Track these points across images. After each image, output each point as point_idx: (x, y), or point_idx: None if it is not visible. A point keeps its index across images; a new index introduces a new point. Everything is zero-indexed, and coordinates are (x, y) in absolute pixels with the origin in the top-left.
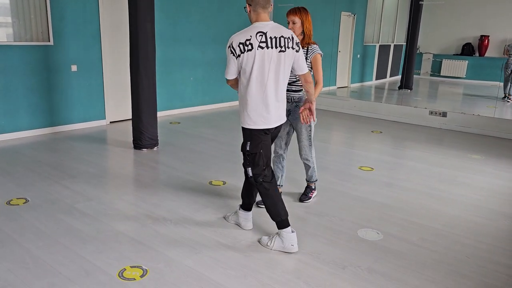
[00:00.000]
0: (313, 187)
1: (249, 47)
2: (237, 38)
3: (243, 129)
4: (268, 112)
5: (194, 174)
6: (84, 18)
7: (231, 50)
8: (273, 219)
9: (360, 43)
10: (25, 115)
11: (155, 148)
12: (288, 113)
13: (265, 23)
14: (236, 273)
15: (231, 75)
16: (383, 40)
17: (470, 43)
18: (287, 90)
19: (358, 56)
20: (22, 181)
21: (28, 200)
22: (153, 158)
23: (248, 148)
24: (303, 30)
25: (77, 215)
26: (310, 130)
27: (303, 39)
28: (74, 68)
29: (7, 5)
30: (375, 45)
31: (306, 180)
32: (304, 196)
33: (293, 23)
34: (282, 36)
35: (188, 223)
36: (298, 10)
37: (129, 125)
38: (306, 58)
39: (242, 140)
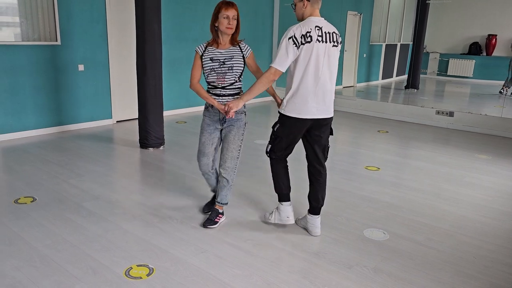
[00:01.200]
0: (221, 211)
1: (309, 39)
2: (298, 30)
3: (280, 113)
4: (315, 103)
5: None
6: (91, 18)
7: (293, 41)
8: (275, 190)
9: (366, 42)
10: (32, 114)
11: (161, 147)
12: (223, 122)
13: (319, 18)
14: (242, 272)
15: (283, 66)
16: (389, 40)
17: (478, 42)
18: (223, 95)
19: (364, 55)
20: (30, 179)
21: (36, 199)
22: (159, 157)
23: (275, 129)
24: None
25: (84, 213)
26: (241, 141)
27: (234, 34)
28: (81, 67)
29: (15, 5)
30: (382, 45)
31: (216, 201)
32: (207, 222)
33: (234, 19)
34: (334, 32)
35: (194, 222)
36: (234, 4)
37: (135, 125)
38: (243, 57)
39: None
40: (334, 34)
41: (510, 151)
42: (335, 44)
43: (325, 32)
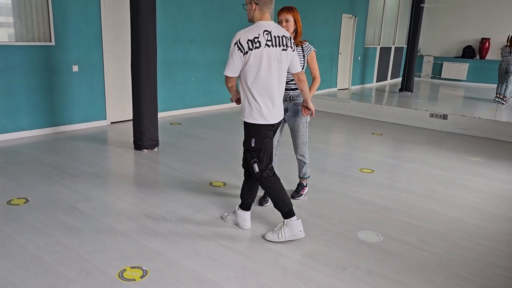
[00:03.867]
0: (305, 184)
1: (257, 44)
2: (245, 35)
3: (247, 125)
4: (274, 108)
5: (195, 175)
6: (86, 19)
7: (238, 47)
8: (281, 210)
9: (361, 45)
10: (26, 115)
11: (155, 149)
12: (286, 110)
13: (269, 23)
14: (235, 274)
15: (234, 72)
16: (384, 42)
17: (471, 45)
18: (285, 89)
19: (359, 58)
20: (23, 181)
21: (29, 200)
22: (154, 158)
23: (253, 145)
24: (295, 29)
25: (77, 215)
26: (307, 127)
27: (295, 37)
28: (75, 68)
29: (9, 5)
30: (376, 47)
31: (299, 177)
32: (295, 193)
33: (287, 21)
34: (283, 36)
35: (188, 224)
36: (291, 9)
37: (130, 126)
38: (304, 56)
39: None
40: (284, 38)
41: (503, 154)
42: (284, 48)
43: (274, 36)
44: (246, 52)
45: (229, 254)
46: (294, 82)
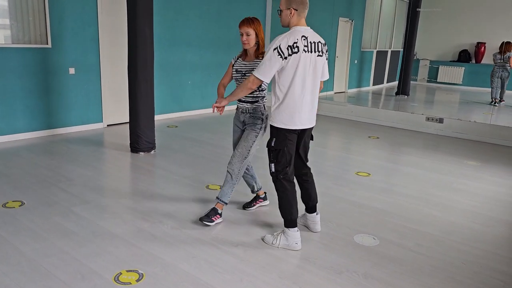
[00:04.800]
0: (220, 211)
1: (296, 49)
2: (285, 41)
3: (272, 127)
4: (304, 113)
5: (191, 178)
6: (83, 21)
7: (278, 52)
8: (283, 216)
9: (358, 48)
10: (22, 117)
11: (152, 152)
12: (243, 124)
13: (305, 28)
14: (232, 277)
15: (267, 76)
16: (380, 46)
17: (467, 49)
18: (242, 101)
19: (356, 61)
20: (19, 183)
21: (24, 203)
22: (150, 161)
23: (272, 144)
24: (257, 41)
25: (73, 218)
26: (254, 142)
27: (257, 49)
28: (72, 71)
29: (5, 7)
30: (373, 51)
31: (216, 197)
32: (206, 218)
33: (247, 34)
34: (319, 42)
35: (185, 227)
36: (252, 22)
37: (126, 128)
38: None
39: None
40: (320, 44)
41: (498, 158)
42: (320, 54)
43: (310, 42)
44: (286, 58)
45: (225, 257)
46: (252, 96)
